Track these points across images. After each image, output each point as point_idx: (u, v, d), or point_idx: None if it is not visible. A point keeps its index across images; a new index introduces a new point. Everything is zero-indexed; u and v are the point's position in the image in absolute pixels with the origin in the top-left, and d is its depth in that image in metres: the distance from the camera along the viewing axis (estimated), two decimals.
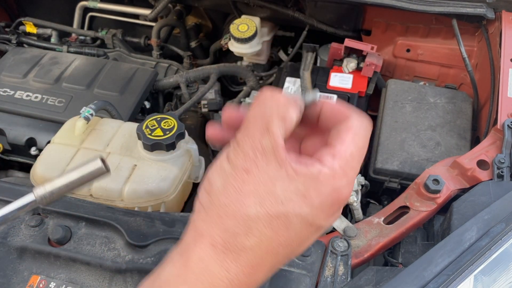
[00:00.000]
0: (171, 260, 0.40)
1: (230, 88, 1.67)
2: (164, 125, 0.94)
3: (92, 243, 0.77)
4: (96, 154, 0.55)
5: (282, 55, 1.63)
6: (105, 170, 0.52)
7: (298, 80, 1.21)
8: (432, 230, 0.85)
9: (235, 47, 1.43)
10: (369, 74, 1.21)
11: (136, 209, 0.92)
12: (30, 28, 1.73)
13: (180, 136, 0.94)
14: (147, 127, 0.94)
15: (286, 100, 0.40)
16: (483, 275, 0.68)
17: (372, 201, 1.10)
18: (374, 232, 0.81)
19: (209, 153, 1.15)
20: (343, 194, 0.40)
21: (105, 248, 0.76)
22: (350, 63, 1.24)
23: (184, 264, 0.39)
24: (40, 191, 0.53)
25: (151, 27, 1.69)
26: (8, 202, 0.80)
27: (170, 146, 0.93)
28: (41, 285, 0.73)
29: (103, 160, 0.52)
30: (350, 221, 0.83)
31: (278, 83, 1.25)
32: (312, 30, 1.46)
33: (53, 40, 1.73)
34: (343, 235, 0.79)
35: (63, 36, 1.76)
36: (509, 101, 0.98)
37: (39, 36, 1.75)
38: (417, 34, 1.34)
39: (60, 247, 0.76)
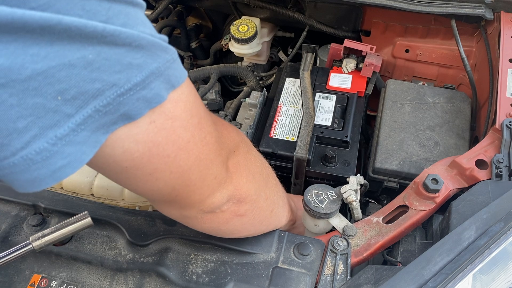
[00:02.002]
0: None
1: (230, 89, 1.67)
2: None
3: (93, 242, 0.77)
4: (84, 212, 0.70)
5: (282, 55, 1.63)
6: (92, 223, 0.69)
7: (298, 80, 1.22)
8: (431, 229, 0.85)
9: (235, 48, 1.44)
10: (368, 74, 1.21)
11: (137, 208, 0.93)
12: None
13: None
14: None
15: None
16: (482, 274, 0.69)
17: (371, 200, 1.10)
18: (373, 231, 0.81)
19: None
20: None
21: (106, 247, 0.77)
22: (350, 64, 1.24)
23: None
24: (38, 243, 0.67)
25: None
26: (9, 202, 0.81)
27: None
28: (42, 284, 0.74)
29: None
30: (350, 220, 0.83)
31: (278, 84, 1.26)
32: (312, 30, 1.46)
33: None
34: (343, 234, 0.80)
35: None
36: (507, 101, 0.98)
37: None
38: (416, 34, 1.34)
39: (61, 246, 0.76)
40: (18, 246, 0.67)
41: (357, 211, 0.85)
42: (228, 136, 0.63)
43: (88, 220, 0.69)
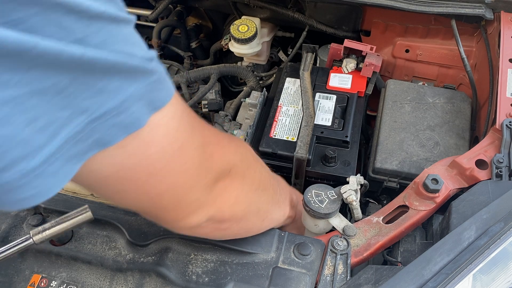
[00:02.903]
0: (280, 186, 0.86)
1: (230, 89, 1.67)
2: None
3: (93, 242, 0.77)
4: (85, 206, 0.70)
5: (282, 55, 1.63)
6: (92, 217, 0.69)
7: (298, 80, 1.22)
8: (431, 229, 0.85)
9: (235, 48, 1.44)
10: (369, 74, 1.21)
11: None
12: None
13: None
14: None
15: None
16: (482, 274, 0.69)
17: (371, 200, 1.10)
18: (373, 231, 0.81)
19: None
20: None
21: (106, 247, 0.77)
22: (350, 64, 1.24)
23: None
24: (38, 236, 0.67)
25: (152, 27, 1.69)
26: None
27: None
28: (42, 284, 0.74)
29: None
30: (350, 220, 0.83)
31: (278, 84, 1.26)
32: (312, 30, 1.46)
33: None
34: (343, 234, 0.80)
35: None
36: (507, 101, 0.98)
37: None
38: (416, 34, 1.34)
39: (61, 246, 0.76)
40: (18, 240, 0.66)
41: (357, 211, 0.85)
42: (220, 157, 0.59)
43: (89, 214, 0.68)
